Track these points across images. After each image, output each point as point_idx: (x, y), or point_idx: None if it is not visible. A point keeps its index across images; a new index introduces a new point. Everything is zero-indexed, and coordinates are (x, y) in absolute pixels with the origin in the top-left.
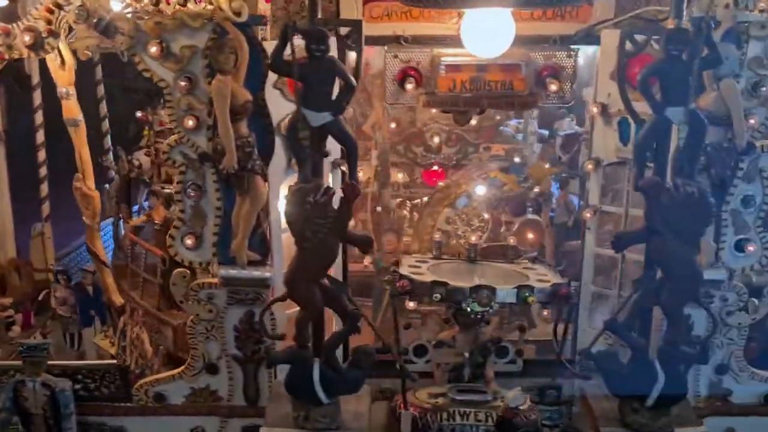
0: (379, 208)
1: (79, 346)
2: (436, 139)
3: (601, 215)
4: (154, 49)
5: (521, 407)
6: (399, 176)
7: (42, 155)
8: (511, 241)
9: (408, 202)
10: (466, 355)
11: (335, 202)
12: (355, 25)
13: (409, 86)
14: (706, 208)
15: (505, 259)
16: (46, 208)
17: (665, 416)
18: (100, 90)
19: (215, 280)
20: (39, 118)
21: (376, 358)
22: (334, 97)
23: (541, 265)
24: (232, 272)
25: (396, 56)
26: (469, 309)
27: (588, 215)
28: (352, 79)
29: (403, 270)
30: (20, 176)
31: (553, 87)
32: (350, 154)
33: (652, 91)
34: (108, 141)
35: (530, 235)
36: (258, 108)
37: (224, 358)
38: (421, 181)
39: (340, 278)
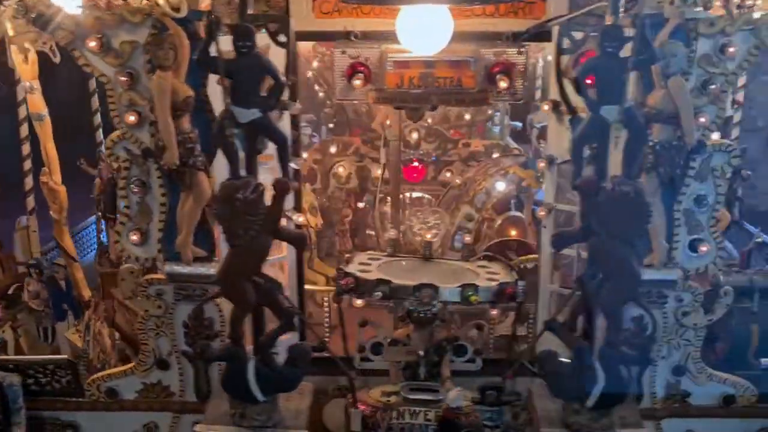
0: (361, 204)
1: (52, 340)
2: (415, 135)
3: (564, 214)
4: (93, 44)
5: (462, 407)
6: (378, 172)
7: (26, 149)
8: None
9: (388, 198)
10: (421, 353)
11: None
12: (283, 21)
13: (357, 82)
14: (642, 208)
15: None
16: (30, 201)
17: (606, 417)
18: (92, 84)
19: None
20: (23, 111)
21: (312, 355)
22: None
23: (498, 263)
24: (177, 268)
25: (344, 52)
26: (411, 308)
27: (542, 213)
28: (281, 75)
29: (353, 267)
30: (6, 170)
31: (503, 84)
32: (281, 151)
33: (586, 88)
34: (100, 135)
35: (513, 232)
36: (200, 104)
37: (174, 354)
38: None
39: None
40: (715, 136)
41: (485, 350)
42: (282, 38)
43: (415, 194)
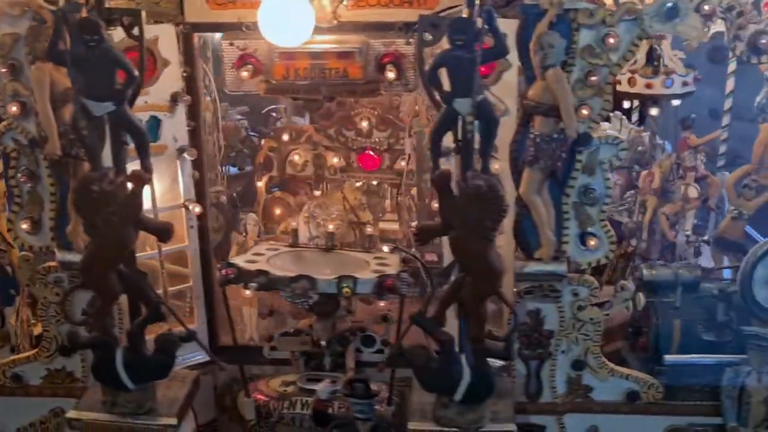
0: (317, 192)
1: (2, 324)
2: (365, 124)
3: None
4: None
5: (332, 399)
6: (335, 160)
7: None
8: None
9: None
10: (323, 343)
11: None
12: (135, 14)
13: (245, 74)
14: (496, 202)
15: None
16: None
17: (474, 412)
18: None
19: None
20: None
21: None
22: None
23: (398, 254)
24: (69, 256)
25: (232, 44)
26: (288, 298)
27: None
28: (133, 68)
29: (243, 257)
30: None
31: (391, 74)
32: (139, 144)
33: (440, 81)
34: None
35: None
36: None
37: None
38: (357, 165)
39: None
40: (608, 128)
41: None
42: (136, 32)
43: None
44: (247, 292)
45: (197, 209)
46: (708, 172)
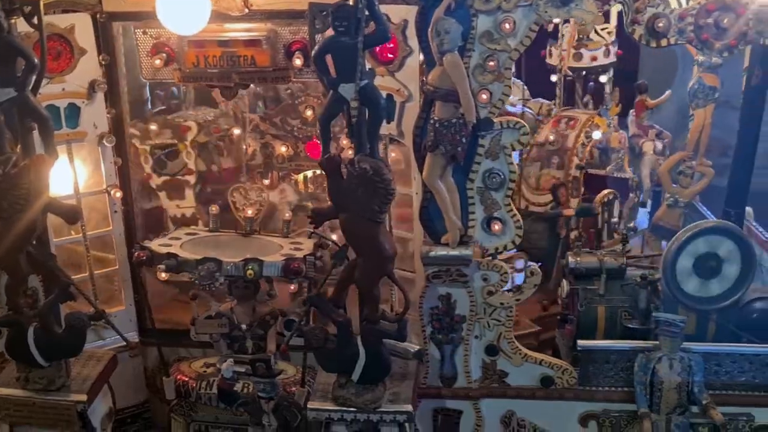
0: (267, 181)
1: None
2: (309, 112)
3: None
4: None
5: (235, 378)
6: (282, 149)
7: None
8: None
9: (293, 174)
10: (244, 327)
11: None
12: (34, 4)
13: (158, 62)
14: (382, 185)
15: None
16: None
17: (371, 392)
18: None
19: None
20: None
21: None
22: None
23: (314, 239)
24: None
25: (145, 32)
26: (196, 280)
27: None
28: (33, 56)
29: (161, 241)
30: None
31: (298, 62)
32: (42, 129)
33: (327, 67)
34: None
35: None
36: None
37: None
38: (305, 154)
39: None
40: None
41: None
42: (35, 20)
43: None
44: (163, 275)
45: (118, 194)
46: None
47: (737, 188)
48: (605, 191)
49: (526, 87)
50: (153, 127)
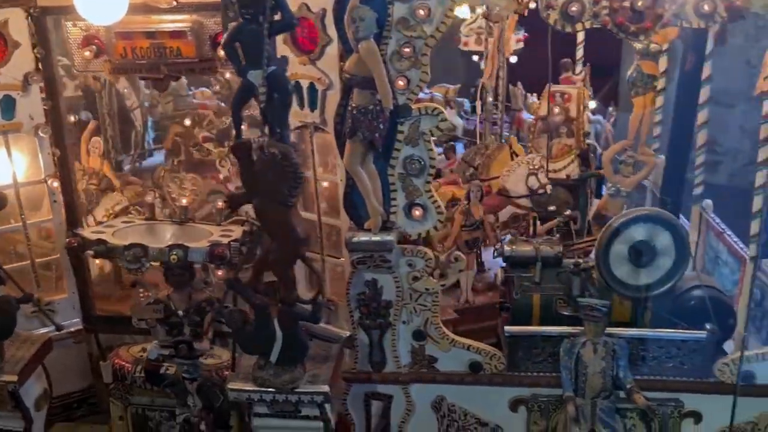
0: None
1: None
2: None
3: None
4: None
5: (159, 359)
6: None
7: None
8: None
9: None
10: (180, 313)
11: None
12: None
13: (87, 54)
14: (290, 170)
15: None
16: None
17: (289, 373)
18: None
19: None
20: None
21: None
22: None
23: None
24: None
25: (75, 24)
26: (124, 265)
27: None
28: None
29: (95, 229)
30: None
31: (221, 53)
32: None
33: (236, 54)
34: None
35: None
36: None
37: None
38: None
39: None
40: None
41: None
42: None
43: None
44: (97, 261)
45: (55, 184)
46: None
47: (673, 176)
48: None
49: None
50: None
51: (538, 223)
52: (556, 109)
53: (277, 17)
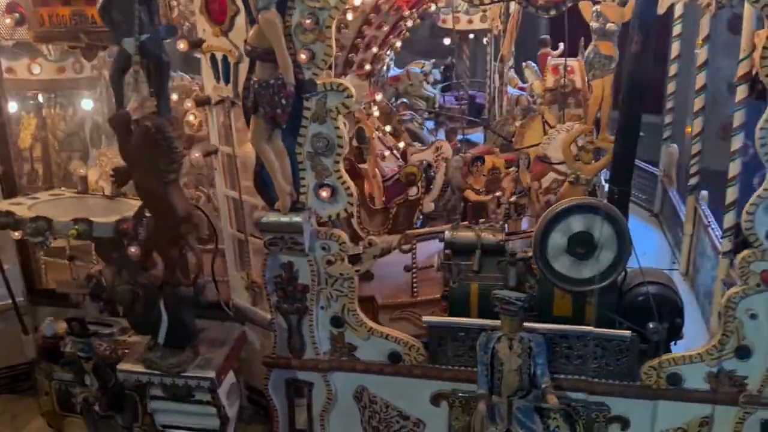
0: None
1: None
2: None
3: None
4: None
5: (54, 336)
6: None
7: None
8: None
9: None
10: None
11: None
12: None
13: (8, 21)
14: (164, 144)
15: None
16: None
17: (176, 357)
18: None
19: None
20: None
21: None
22: None
23: None
24: None
25: None
26: (29, 237)
27: (197, 155)
28: None
29: (19, 200)
30: None
31: None
32: None
33: (112, 21)
34: None
35: None
36: None
37: None
38: None
39: None
40: None
41: None
42: None
43: None
44: (15, 234)
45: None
46: None
47: (621, 164)
48: None
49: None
50: None
51: None
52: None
53: None
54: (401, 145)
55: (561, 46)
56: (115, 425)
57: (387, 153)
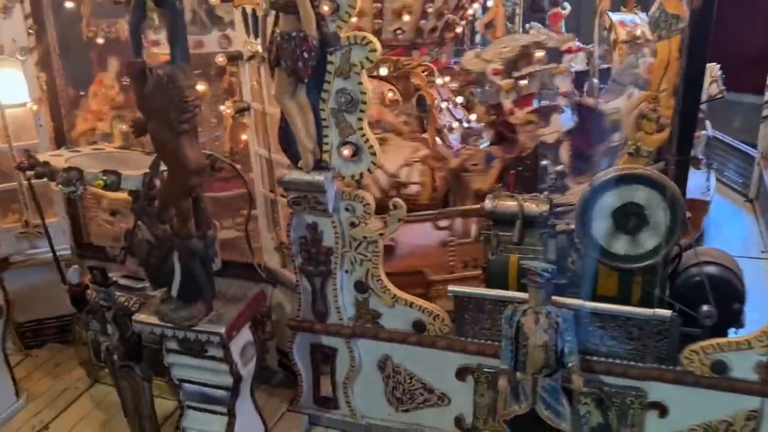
0: None
1: None
2: None
3: None
4: None
5: (80, 284)
6: None
7: None
8: None
9: None
10: None
11: None
12: None
13: None
14: (175, 93)
15: None
16: None
17: (187, 310)
18: None
19: None
20: None
21: None
22: None
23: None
24: None
25: None
26: (61, 187)
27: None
28: None
29: (60, 152)
30: None
31: None
32: None
33: None
34: None
35: None
36: None
37: None
38: None
39: None
40: None
41: None
42: None
43: None
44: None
45: (34, 107)
46: None
47: (680, 131)
48: None
49: None
50: None
51: None
52: (637, 32)
53: None
54: (473, 117)
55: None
56: (134, 376)
57: (456, 125)
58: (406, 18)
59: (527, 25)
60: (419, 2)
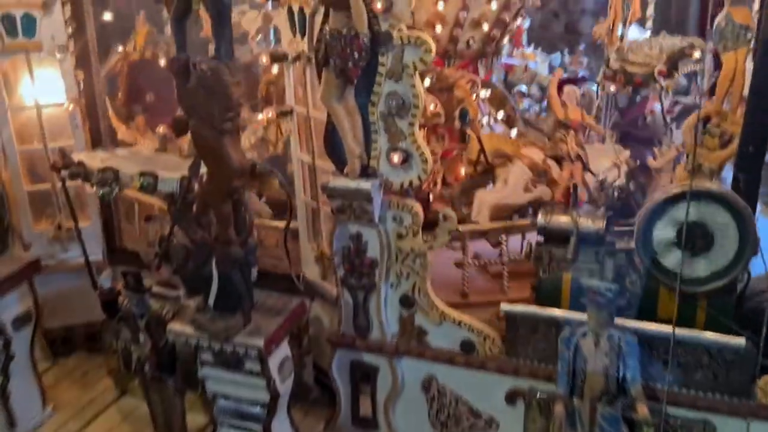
0: None
1: None
2: None
3: None
4: None
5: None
6: None
7: None
8: None
9: None
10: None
11: None
12: None
13: None
14: (220, 90)
15: None
16: None
17: (225, 321)
18: None
19: None
20: None
21: None
22: None
23: None
24: None
25: None
26: (96, 187)
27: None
28: None
29: (94, 153)
30: None
31: None
32: None
33: None
34: None
35: None
36: None
37: None
38: None
39: None
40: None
41: None
42: None
43: None
44: (90, 188)
45: (70, 107)
46: None
47: (750, 147)
48: None
49: None
50: None
51: None
52: None
53: None
54: (513, 132)
55: None
56: (166, 388)
57: None
58: (485, 27)
59: None
60: (495, 11)
